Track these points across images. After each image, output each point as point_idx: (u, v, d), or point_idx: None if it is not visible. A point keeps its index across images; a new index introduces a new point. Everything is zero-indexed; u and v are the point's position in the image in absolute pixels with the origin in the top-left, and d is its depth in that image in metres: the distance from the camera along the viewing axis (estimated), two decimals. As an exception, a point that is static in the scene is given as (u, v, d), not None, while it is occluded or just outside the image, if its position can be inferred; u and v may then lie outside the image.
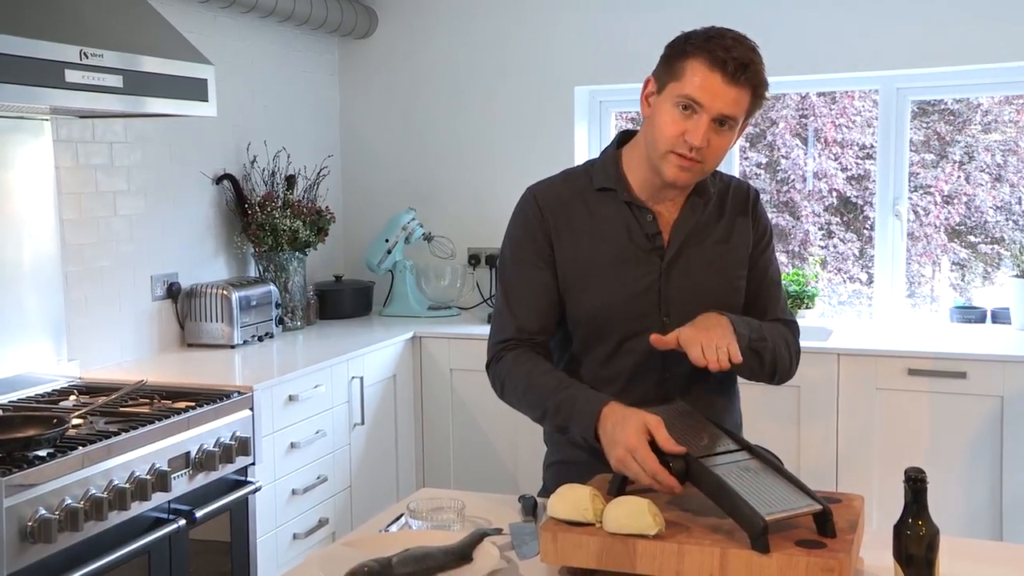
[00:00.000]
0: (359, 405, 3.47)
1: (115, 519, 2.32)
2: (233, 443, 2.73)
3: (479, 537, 1.56)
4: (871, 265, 4.08)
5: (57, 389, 2.86)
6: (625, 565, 1.44)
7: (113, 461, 2.33)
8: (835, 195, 4.25)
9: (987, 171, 4.07)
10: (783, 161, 4.31)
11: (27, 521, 2.10)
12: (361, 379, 3.47)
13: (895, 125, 3.93)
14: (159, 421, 2.51)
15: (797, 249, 4.29)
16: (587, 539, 1.46)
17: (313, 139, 4.30)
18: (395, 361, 3.74)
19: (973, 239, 4.12)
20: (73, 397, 2.79)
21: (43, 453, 2.20)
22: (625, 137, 1.92)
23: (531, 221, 1.88)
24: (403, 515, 1.76)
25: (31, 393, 2.78)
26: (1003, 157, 4.05)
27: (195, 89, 2.76)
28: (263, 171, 3.89)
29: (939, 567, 1.35)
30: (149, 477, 2.41)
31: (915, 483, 1.33)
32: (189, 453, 2.58)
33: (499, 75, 4.26)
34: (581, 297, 1.85)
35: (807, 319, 3.92)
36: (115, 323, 3.24)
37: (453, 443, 3.87)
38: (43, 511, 2.13)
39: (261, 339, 3.61)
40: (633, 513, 1.45)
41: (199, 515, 2.59)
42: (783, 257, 4.23)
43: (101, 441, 2.32)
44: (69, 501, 2.20)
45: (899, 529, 1.34)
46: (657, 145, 1.76)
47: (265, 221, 3.71)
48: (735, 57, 1.69)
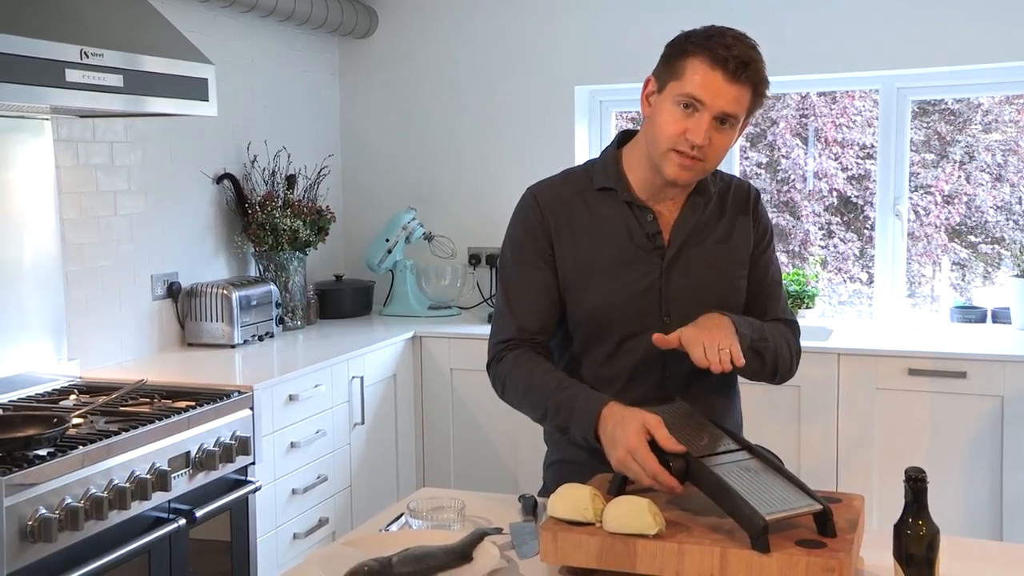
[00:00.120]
0: (359, 405, 3.47)
1: (115, 518, 2.32)
2: (233, 443, 2.73)
3: (479, 537, 1.56)
4: (871, 265, 4.08)
5: (57, 388, 2.86)
6: (625, 565, 1.44)
7: (113, 460, 2.33)
8: (835, 195, 4.25)
9: (987, 171, 4.07)
10: (783, 161, 4.31)
11: (27, 520, 2.10)
12: (361, 379, 3.47)
13: (895, 125, 3.93)
14: (159, 421, 2.51)
15: (797, 249, 4.29)
16: (587, 539, 1.46)
17: (313, 139, 4.30)
18: (395, 361, 3.74)
19: (973, 239, 4.11)
20: (73, 396, 2.79)
21: (43, 452, 2.20)
22: (625, 137, 1.92)
23: (531, 221, 1.88)
24: (403, 514, 1.76)
25: (31, 392, 2.78)
26: (1003, 157, 4.05)
27: (195, 89, 2.76)
28: (263, 171, 3.89)
29: (939, 567, 1.35)
30: (149, 476, 2.42)
31: (915, 483, 1.33)
32: (189, 452, 2.58)
33: (499, 75, 4.26)
34: (581, 297, 1.85)
35: (807, 319, 3.92)
36: (115, 322, 3.24)
37: (453, 443, 3.87)
38: (43, 510, 2.13)
39: (261, 339, 3.61)
40: (633, 513, 1.45)
41: (199, 514, 2.58)
42: (783, 257, 4.22)
43: (101, 440, 2.32)
44: (69, 500, 2.20)
45: (899, 529, 1.35)
46: (658, 144, 1.76)
47: (265, 221, 3.71)
48: (736, 55, 1.70)
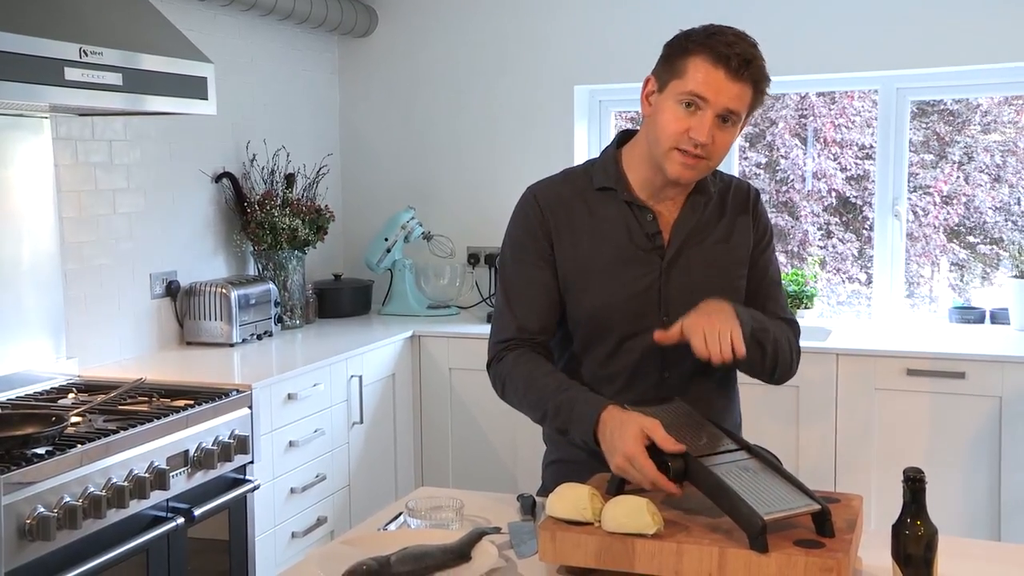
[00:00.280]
0: (358, 404, 3.47)
1: (113, 517, 2.32)
2: (232, 441, 2.72)
3: (478, 536, 1.56)
4: (870, 265, 4.08)
5: (56, 387, 2.86)
6: (624, 564, 1.44)
7: (112, 459, 2.33)
8: (834, 195, 4.25)
9: (986, 172, 4.07)
10: (782, 161, 4.31)
11: (26, 519, 2.10)
12: (360, 378, 3.47)
13: (895, 125, 3.93)
14: (158, 419, 2.51)
15: (796, 249, 4.29)
16: (586, 538, 1.46)
17: (312, 137, 4.29)
18: (394, 360, 3.74)
19: (972, 239, 4.12)
20: (72, 395, 2.79)
21: (42, 451, 2.20)
22: (625, 137, 1.92)
23: (531, 221, 1.88)
24: (402, 514, 1.76)
25: (30, 391, 2.78)
26: (1002, 158, 4.05)
27: (195, 87, 2.76)
28: (262, 169, 3.89)
29: (937, 567, 1.35)
30: (148, 475, 2.41)
31: (914, 483, 1.33)
32: (188, 451, 2.58)
33: (499, 74, 4.26)
34: (581, 297, 1.85)
35: (806, 319, 3.92)
36: (114, 321, 3.23)
37: (452, 442, 3.87)
38: (42, 509, 2.13)
39: (260, 337, 3.61)
40: (632, 512, 1.45)
41: (197, 513, 2.58)
42: (782, 257, 4.22)
43: (100, 439, 2.32)
44: (68, 499, 2.19)
45: (898, 529, 1.35)
46: (661, 143, 1.76)
47: (264, 219, 3.71)
48: (738, 53, 1.70)
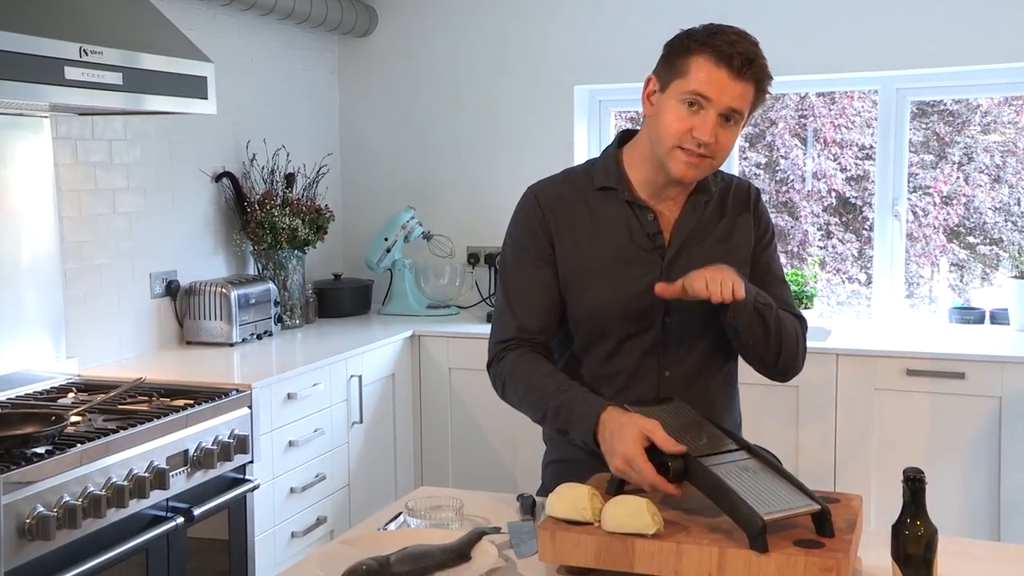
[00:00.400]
0: (358, 403, 3.47)
1: (113, 517, 2.32)
2: (231, 441, 2.72)
3: (477, 536, 1.56)
4: (870, 265, 4.08)
5: (55, 386, 2.86)
6: (623, 564, 1.44)
7: (111, 459, 2.33)
8: (834, 195, 4.25)
9: (986, 172, 4.07)
10: (782, 161, 4.31)
11: (25, 518, 2.09)
12: (360, 377, 3.47)
13: (894, 126, 3.93)
14: (157, 419, 2.51)
15: (796, 249, 4.29)
16: (585, 538, 1.46)
17: (312, 137, 4.29)
18: (394, 360, 3.74)
19: (972, 240, 4.12)
20: (72, 394, 2.79)
21: (41, 450, 2.20)
22: (626, 136, 1.92)
23: (532, 220, 1.88)
24: (401, 513, 1.76)
25: (29, 390, 2.78)
26: (1002, 158, 4.05)
27: (195, 87, 2.76)
28: (262, 169, 3.89)
29: (937, 567, 1.35)
30: (147, 475, 2.41)
31: (914, 483, 1.33)
32: (187, 451, 2.57)
33: (499, 74, 4.26)
34: (582, 297, 1.85)
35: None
36: (114, 320, 3.23)
37: (452, 442, 3.87)
38: (41, 508, 2.13)
39: (260, 337, 3.61)
40: (631, 512, 1.45)
41: (197, 513, 2.58)
42: (782, 258, 4.21)
43: (99, 439, 2.32)
44: (67, 498, 2.19)
45: (897, 529, 1.35)
46: (663, 142, 1.76)
47: (264, 219, 3.71)
48: (740, 52, 1.70)
